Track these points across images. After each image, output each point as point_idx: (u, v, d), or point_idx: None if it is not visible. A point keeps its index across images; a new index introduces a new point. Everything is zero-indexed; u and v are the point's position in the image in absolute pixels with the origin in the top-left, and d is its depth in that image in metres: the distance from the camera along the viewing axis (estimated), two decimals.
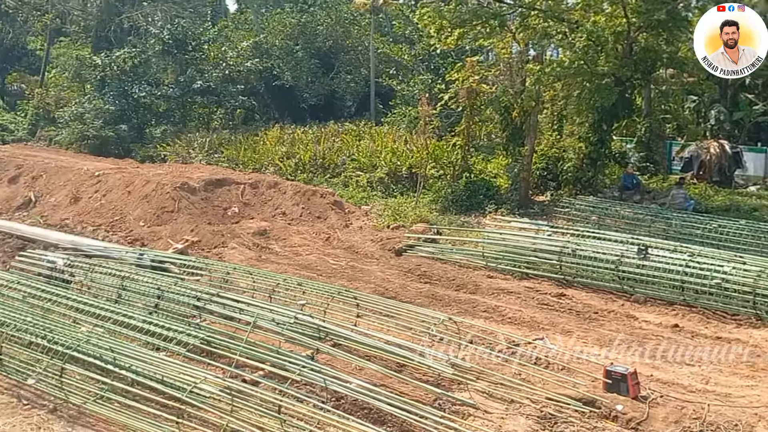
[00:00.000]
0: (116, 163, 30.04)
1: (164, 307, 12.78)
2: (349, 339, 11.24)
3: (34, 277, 14.52)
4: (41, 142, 39.41)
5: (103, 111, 35.60)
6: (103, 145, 34.67)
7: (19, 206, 25.95)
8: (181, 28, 38.17)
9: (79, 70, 40.88)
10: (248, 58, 38.90)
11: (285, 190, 24.29)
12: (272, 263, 18.32)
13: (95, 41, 45.39)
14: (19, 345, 10.77)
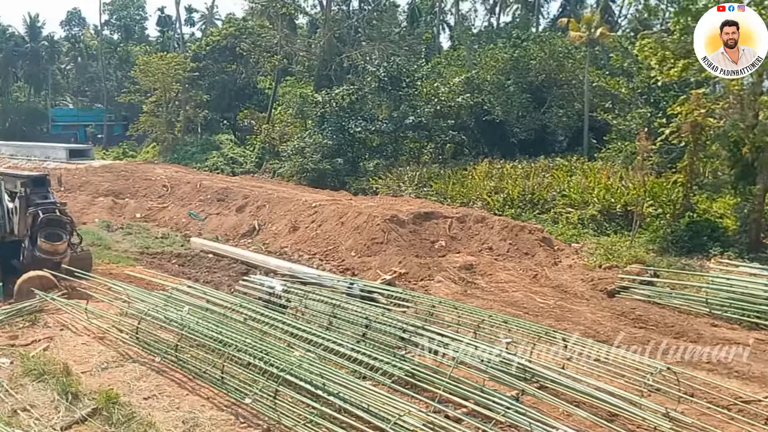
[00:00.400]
0: (332, 195, 31.55)
1: (371, 337, 13.07)
2: (556, 382, 10.80)
3: (255, 301, 15.46)
4: (266, 174, 42.45)
5: (321, 145, 37.72)
6: (321, 178, 36.68)
7: (245, 233, 28.06)
8: (396, 65, 39.62)
9: (301, 107, 43.72)
10: (459, 94, 39.46)
11: (492, 224, 24.16)
12: (477, 298, 18.20)
13: (317, 80, 48.41)
14: (239, 365, 11.47)
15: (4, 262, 19.13)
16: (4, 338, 14.36)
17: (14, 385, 11.66)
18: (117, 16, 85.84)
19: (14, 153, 58.72)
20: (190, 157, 48.71)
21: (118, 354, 13.38)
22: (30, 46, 79.50)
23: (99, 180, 39.83)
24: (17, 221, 19.08)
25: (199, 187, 34.61)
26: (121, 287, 16.16)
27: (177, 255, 24.75)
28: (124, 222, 31.40)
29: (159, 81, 53.80)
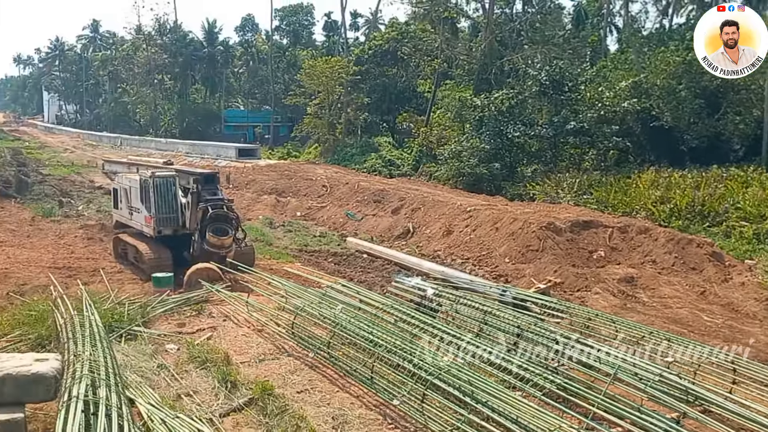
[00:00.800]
0: (487, 199, 31.29)
1: (523, 346, 12.79)
2: (722, 407, 10.09)
3: (406, 303, 15.59)
4: (422, 177, 42.80)
5: (478, 149, 37.52)
6: (477, 182, 36.48)
7: (399, 235, 28.41)
8: (558, 69, 38.70)
9: (460, 111, 43.70)
10: (625, 98, 37.92)
11: (657, 236, 22.97)
12: (637, 313, 17.37)
13: (477, 83, 48.21)
14: (389, 366, 11.59)
15: (176, 253, 20.49)
16: (173, 325, 15.35)
17: (179, 370, 12.42)
18: (287, 22, 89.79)
19: (189, 151, 62.97)
20: (349, 159, 50.00)
21: (275, 347, 13.93)
22: (207, 51, 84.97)
23: (264, 178, 41.79)
24: (189, 215, 20.35)
25: (357, 188, 35.42)
26: (280, 283, 16.83)
27: (333, 254, 25.43)
28: (286, 219, 32.70)
29: (323, 84, 55.70)
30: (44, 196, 36.19)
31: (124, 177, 23.91)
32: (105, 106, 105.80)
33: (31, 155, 57.80)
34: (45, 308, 14.54)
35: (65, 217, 31.09)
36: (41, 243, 25.73)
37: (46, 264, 22.00)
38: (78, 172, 48.98)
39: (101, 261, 22.96)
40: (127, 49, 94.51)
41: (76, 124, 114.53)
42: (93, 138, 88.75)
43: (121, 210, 23.80)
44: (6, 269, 21.12)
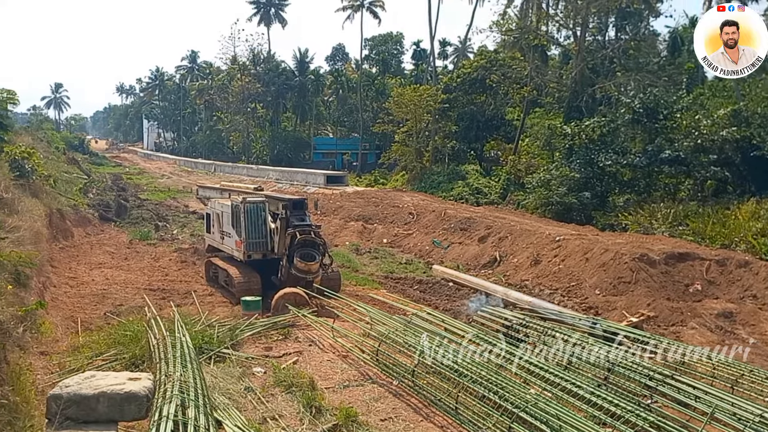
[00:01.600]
0: (576, 229, 30.67)
1: (614, 381, 12.40)
2: None
3: (492, 333, 15.39)
4: (509, 205, 42.33)
5: (568, 178, 36.86)
6: (566, 211, 35.80)
7: (486, 263, 28.14)
8: (653, 96, 37.73)
9: (549, 139, 43.13)
10: (724, 127, 36.55)
11: (758, 270, 21.92)
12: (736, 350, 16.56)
13: (567, 111, 47.52)
14: (473, 396, 11.44)
15: (265, 278, 20.91)
16: (261, 349, 15.63)
17: (266, 393, 12.61)
18: (376, 51, 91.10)
19: (279, 177, 64.46)
20: (436, 186, 50.00)
21: (359, 373, 13.97)
22: (298, 80, 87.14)
23: (351, 205, 42.26)
24: (277, 241, 20.77)
25: (444, 216, 35.36)
26: (365, 309, 16.91)
27: (419, 281, 25.40)
28: (372, 246, 32.91)
29: (411, 112, 56.08)
30: (141, 220, 37.71)
31: (216, 202, 24.66)
32: (200, 134, 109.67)
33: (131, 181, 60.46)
34: (139, 329, 15.07)
35: (160, 241, 32.29)
36: (137, 265, 26.78)
37: (141, 285, 22.88)
38: (174, 197, 50.85)
39: (193, 284, 23.69)
40: (222, 79, 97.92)
41: (173, 151, 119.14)
42: (188, 164, 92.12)
43: (213, 234, 24.52)
44: (104, 290, 22.07)
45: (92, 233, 33.77)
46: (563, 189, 36.66)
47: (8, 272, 15.25)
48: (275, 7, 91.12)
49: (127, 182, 56.57)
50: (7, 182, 23.79)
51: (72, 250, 28.70)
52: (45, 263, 21.74)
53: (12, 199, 22.18)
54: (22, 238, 18.71)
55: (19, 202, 22.91)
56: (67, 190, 38.53)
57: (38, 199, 27.28)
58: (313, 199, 41.84)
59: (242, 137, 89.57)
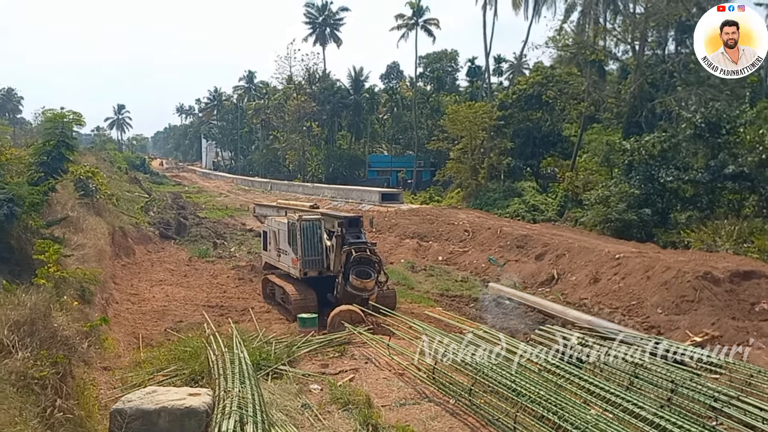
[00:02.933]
0: (637, 246, 30.10)
1: (677, 402, 12.10)
2: None
3: (551, 352, 15.17)
4: (567, 222, 41.81)
5: (627, 194, 36.22)
6: (625, 229, 35.16)
7: (543, 282, 27.84)
8: (715, 111, 36.90)
9: (608, 155, 42.49)
10: None
11: None
12: None
13: (626, 126, 46.79)
14: (532, 417, 11.28)
15: (321, 295, 21.07)
16: (317, 366, 15.73)
17: (322, 411, 12.67)
18: (431, 69, 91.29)
19: (335, 195, 64.98)
20: (491, 203, 49.74)
21: (415, 392, 13.93)
22: (353, 98, 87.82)
23: (406, 223, 42.33)
24: (333, 258, 20.92)
25: (499, 234, 35.14)
26: (421, 327, 16.88)
27: (475, 299, 25.29)
28: (427, 264, 32.87)
29: (466, 129, 55.97)
30: (200, 238, 38.43)
31: (273, 220, 25.01)
32: (257, 153, 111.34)
33: (190, 199, 61.73)
34: (199, 345, 15.33)
35: (219, 258, 32.85)
36: (197, 282, 27.29)
37: (200, 302, 23.30)
38: (231, 216, 51.71)
39: (251, 300, 24.02)
40: (278, 98, 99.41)
41: (231, 170, 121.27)
42: (246, 183, 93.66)
43: (269, 252, 24.85)
44: (165, 306, 22.53)
45: (153, 251, 34.55)
46: (622, 205, 36.05)
47: (74, 289, 15.72)
48: (330, 27, 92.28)
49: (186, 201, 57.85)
50: (72, 201, 24.55)
51: (134, 267, 29.41)
52: (108, 280, 22.33)
53: (77, 218, 22.86)
54: (87, 255, 19.27)
55: (84, 220, 23.60)
56: (129, 208, 39.53)
57: (101, 218, 28.03)
58: (369, 216, 42.07)
59: (298, 156, 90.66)
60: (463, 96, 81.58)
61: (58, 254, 15.09)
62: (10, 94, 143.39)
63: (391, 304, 20.64)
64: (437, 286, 27.81)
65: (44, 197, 18.70)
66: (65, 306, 13.56)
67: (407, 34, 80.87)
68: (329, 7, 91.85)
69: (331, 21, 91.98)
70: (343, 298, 20.06)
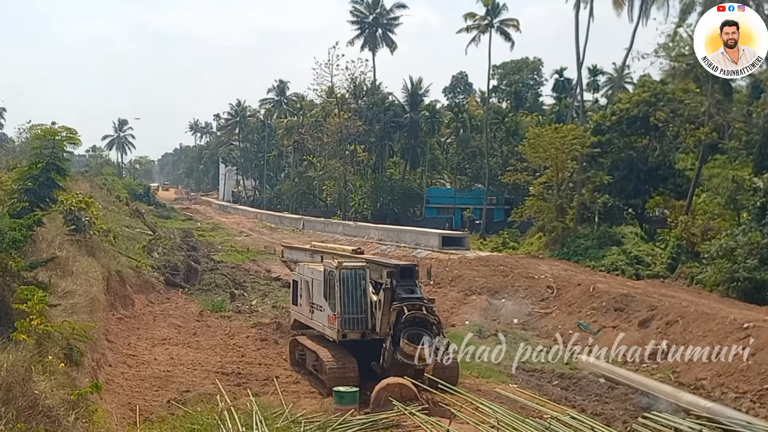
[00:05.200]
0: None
1: None
2: None
3: None
4: (680, 280, 41.14)
5: (760, 246, 35.57)
6: (756, 290, 34.46)
7: (648, 355, 27.44)
8: None
9: (734, 194, 41.85)
10: None
11: None
12: None
13: (758, 159, 46.08)
14: None
15: (363, 363, 21.00)
16: None
17: None
18: (507, 81, 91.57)
19: (383, 237, 65.17)
20: (582, 253, 49.29)
21: None
22: (409, 117, 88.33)
23: (473, 274, 42.16)
24: (380, 317, 20.89)
25: (592, 291, 34.78)
26: (491, 408, 16.72)
27: (560, 375, 25.01)
28: (499, 327, 32.63)
29: (551, 158, 55.78)
30: (214, 287, 38.86)
31: (305, 267, 25.17)
32: (287, 182, 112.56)
33: (203, 238, 62.70)
34: (209, 422, 15.44)
35: (236, 313, 33.16)
36: (208, 342, 27.55)
37: (212, 368, 23.49)
38: (253, 259, 52.26)
39: (275, 368, 24.13)
40: (315, 115, 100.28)
41: (254, 203, 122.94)
42: (272, 219, 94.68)
43: (300, 307, 24.97)
44: (168, 372, 22.78)
45: (156, 301, 35.03)
46: (753, 261, 35.37)
47: (60, 347, 15.98)
48: (383, 28, 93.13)
49: (198, 240, 58.75)
50: (61, 238, 25.12)
51: (132, 321, 29.83)
52: (101, 337, 22.68)
53: (66, 258, 23.35)
54: (77, 305, 19.63)
55: (74, 261, 24.10)
56: (128, 248, 40.24)
57: (95, 259, 28.58)
58: (426, 265, 42.04)
59: (338, 186, 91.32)
60: (548, 116, 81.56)
61: (42, 304, 15.37)
62: None
63: (452, 378, 20.49)
64: (511, 356, 27.54)
65: (28, 232, 19.08)
66: (49, 368, 13.80)
67: (479, 37, 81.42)
68: (382, 4, 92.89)
69: (383, 20, 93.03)
70: (391, 369, 19.97)
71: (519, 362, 26.57)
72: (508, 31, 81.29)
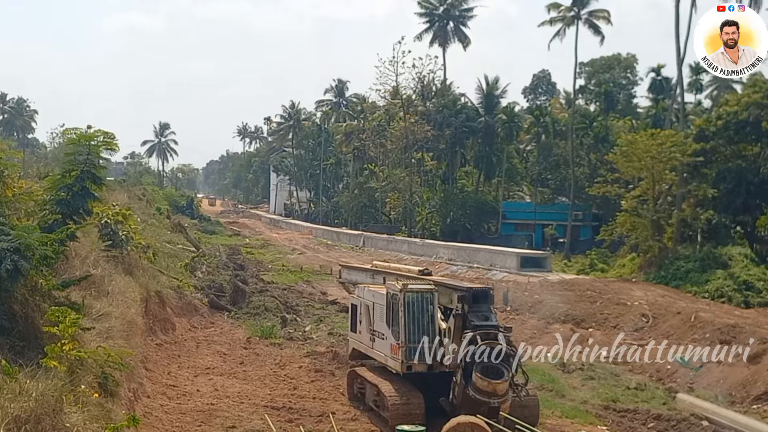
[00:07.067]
0: None
1: None
2: None
3: None
4: None
5: None
6: None
7: (759, 395, 26.98)
8: None
9: None
10: None
11: None
12: None
13: None
14: None
15: (430, 399, 20.95)
16: None
17: None
18: (596, 81, 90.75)
19: (453, 257, 65.10)
20: (682, 277, 48.68)
21: None
22: (483, 121, 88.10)
23: (555, 300, 41.85)
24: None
25: (694, 321, 34.36)
26: None
27: (656, 416, 24.74)
28: (586, 361, 32.29)
29: (646, 168, 55.18)
30: (264, 311, 39.10)
31: (365, 290, 25.20)
32: (346, 194, 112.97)
33: (251, 256, 63.21)
34: None
35: (288, 340, 33.32)
36: (257, 373, 27.72)
37: (261, 402, 23.65)
38: (308, 280, 52.52)
39: (331, 402, 24.19)
40: (378, 118, 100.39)
41: (309, 217, 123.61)
42: (328, 235, 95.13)
43: (359, 334, 25.02)
44: (212, 405, 22.99)
45: (199, 326, 35.37)
46: None
47: (93, 375, 16.18)
48: (455, 21, 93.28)
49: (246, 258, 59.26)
50: (96, 254, 25.46)
51: (172, 347, 30.14)
52: (138, 364, 22.92)
53: (101, 277, 23.64)
54: (112, 329, 19.89)
55: (110, 280, 24.41)
56: (169, 266, 40.70)
57: (133, 277, 28.93)
58: (502, 289, 41.84)
59: (403, 199, 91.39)
60: (643, 120, 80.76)
61: (75, 327, 15.57)
62: (20, 106, 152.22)
63: (532, 417, 20.34)
64: (600, 394, 27.37)
65: (60, 248, 19.31)
66: (82, 398, 13.97)
67: (564, 31, 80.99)
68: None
69: (455, 12, 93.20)
70: (462, 406, 19.90)
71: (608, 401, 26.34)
72: (598, 23, 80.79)
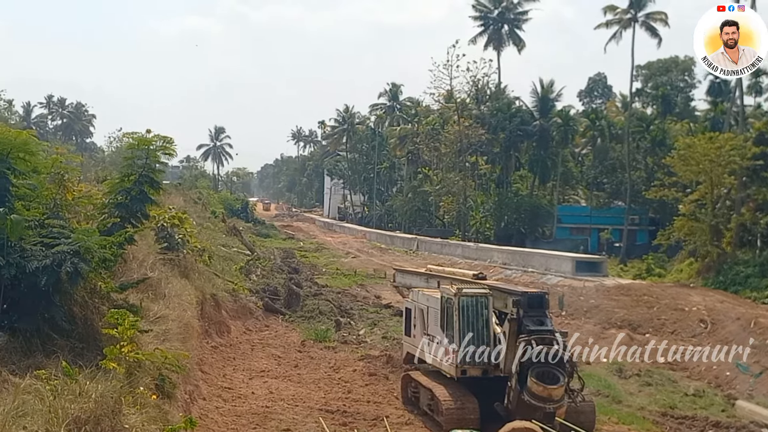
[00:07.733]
0: None
1: None
2: None
3: None
4: None
5: None
6: None
7: None
8: None
9: None
10: None
11: None
12: None
13: None
14: None
15: (485, 404, 20.91)
16: None
17: None
18: (653, 83, 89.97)
19: (507, 261, 64.86)
20: (741, 282, 48.08)
21: None
22: (538, 125, 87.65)
23: (612, 305, 41.55)
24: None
25: (753, 327, 33.92)
26: None
27: (714, 424, 24.47)
28: (643, 367, 32.02)
29: (704, 172, 54.54)
30: (318, 314, 39.29)
31: (419, 294, 25.22)
32: (400, 197, 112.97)
33: (305, 259, 63.57)
34: None
35: (342, 343, 33.43)
36: (311, 376, 27.87)
37: (315, 405, 23.76)
38: (361, 284, 52.65)
39: (385, 406, 24.23)
40: (432, 122, 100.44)
41: (363, 220, 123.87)
42: (382, 239, 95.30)
43: (413, 338, 25.04)
44: (267, 408, 23.15)
45: (254, 329, 35.63)
46: None
47: (151, 377, 16.40)
48: (509, 24, 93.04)
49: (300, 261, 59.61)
50: (153, 257, 25.75)
51: (228, 350, 30.40)
52: (194, 367, 23.18)
53: (158, 280, 23.93)
54: (169, 331, 20.13)
55: (167, 283, 24.70)
56: (224, 269, 41.07)
57: (188, 280, 29.21)
58: (557, 293, 41.61)
59: (457, 203, 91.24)
60: (702, 123, 79.90)
61: (134, 329, 15.80)
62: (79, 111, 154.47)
63: (588, 424, 20.22)
64: (657, 400, 27.12)
65: (119, 251, 19.58)
66: (140, 400, 14.17)
67: (620, 33, 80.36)
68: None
69: (510, 15, 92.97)
70: (517, 411, 19.83)
71: (666, 407, 26.10)
72: (655, 26, 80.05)
